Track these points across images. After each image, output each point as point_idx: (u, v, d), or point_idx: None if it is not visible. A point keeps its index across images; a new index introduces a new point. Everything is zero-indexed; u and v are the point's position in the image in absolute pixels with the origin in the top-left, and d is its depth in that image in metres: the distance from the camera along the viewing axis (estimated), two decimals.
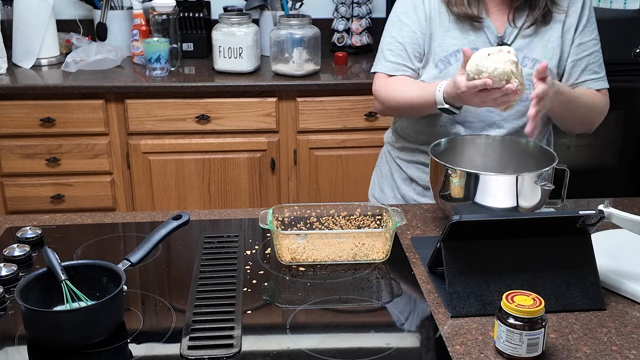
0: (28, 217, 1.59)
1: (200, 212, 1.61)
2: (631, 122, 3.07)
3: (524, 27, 1.61)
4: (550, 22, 1.62)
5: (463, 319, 1.18)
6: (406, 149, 1.78)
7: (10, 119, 2.66)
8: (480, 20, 1.60)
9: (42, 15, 2.81)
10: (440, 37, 1.62)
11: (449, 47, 1.62)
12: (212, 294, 1.24)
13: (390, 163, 1.85)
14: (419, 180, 1.76)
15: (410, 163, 1.78)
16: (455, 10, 1.61)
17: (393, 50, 1.67)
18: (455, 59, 1.61)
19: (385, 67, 1.68)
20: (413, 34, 1.64)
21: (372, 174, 1.96)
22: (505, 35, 1.61)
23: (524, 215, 1.35)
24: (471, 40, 1.61)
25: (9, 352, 1.10)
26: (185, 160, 2.76)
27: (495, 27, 1.61)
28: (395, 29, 1.67)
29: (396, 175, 1.82)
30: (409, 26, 1.65)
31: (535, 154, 1.53)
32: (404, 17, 1.66)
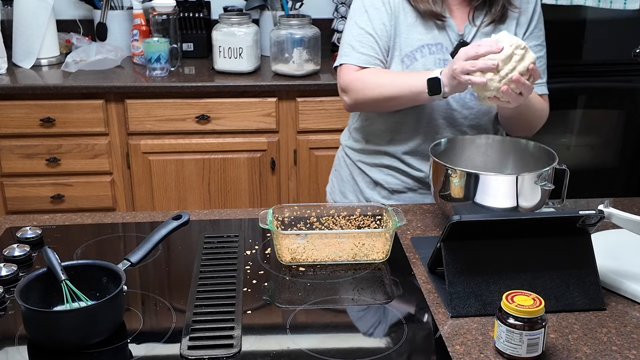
0: (28, 217, 1.59)
1: (200, 212, 1.61)
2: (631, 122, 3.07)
3: (482, 25, 1.63)
4: (506, 21, 1.65)
5: (463, 319, 1.18)
6: (368, 151, 1.75)
7: (10, 119, 2.66)
8: (444, 19, 1.61)
9: (42, 15, 2.81)
10: (405, 33, 1.62)
11: (414, 42, 1.61)
12: (212, 294, 1.24)
13: (350, 167, 1.81)
14: (384, 183, 1.74)
15: (373, 166, 1.75)
16: (421, 7, 1.60)
17: (363, 42, 1.63)
18: (420, 55, 1.61)
19: (357, 59, 1.63)
20: (383, 27, 1.62)
21: (330, 176, 1.92)
22: (465, 34, 1.63)
23: (524, 215, 1.35)
24: (435, 36, 1.62)
25: (9, 352, 1.10)
26: (185, 160, 2.76)
27: (456, 25, 1.63)
28: (364, 20, 1.63)
29: (359, 179, 1.78)
30: (378, 18, 1.62)
31: (535, 154, 1.53)
32: (371, 9, 1.63)
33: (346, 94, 1.65)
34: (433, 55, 1.61)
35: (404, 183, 1.73)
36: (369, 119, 1.74)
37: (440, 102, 1.60)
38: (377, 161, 1.74)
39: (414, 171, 1.70)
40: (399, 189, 1.73)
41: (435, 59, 1.61)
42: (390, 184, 1.73)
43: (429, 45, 1.61)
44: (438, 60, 1.62)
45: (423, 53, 1.61)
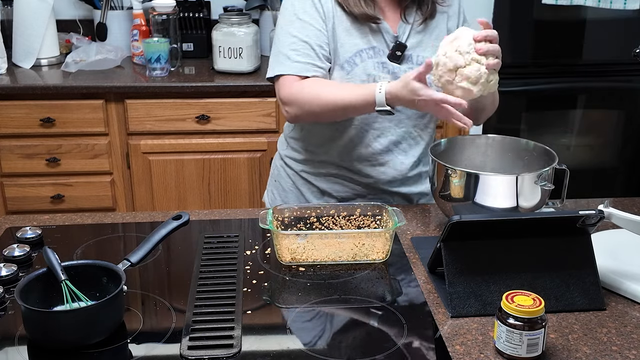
0: (28, 217, 1.59)
1: (200, 212, 1.61)
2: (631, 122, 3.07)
3: (415, 23, 1.62)
4: (436, 16, 1.65)
5: (463, 319, 1.18)
6: (312, 162, 1.70)
7: (10, 119, 2.66)
8: (379, 21, 1.59)
9: (42, 15, 2.81)
10: (342, 38, 1.58)
11: (352, 47, 1.58)
12: (212, 294, 1.24)
13: (293, 177, 1.75)
14: (332, 192, 1.70)
15: (319, 176, 1.70)
16: (355, 11, 1.56)
17: (299, 50, 1.56)
18: (360, 59, 1.58)
19: (294, 68, 1.56)
20: (318, 32, 1.56)
21: (268, 186, 1.85)
22: (399, 34, 1.62)
23: (524, 215, 1.35)
24: (370, 40, 1.59)
25: (9, 352, 1.10)
26: (185, 160, 2.76)
27: (390, 27, 1.61)
28: (296, 28, 1.57)
29: (304, 189, 1.73)
30: (312, 25, 1.56)
31: (535, 154, 1.53)
32: (304, 16, 1.57)
33: (288, 106, 1.57)
34: (372, 59, 1.59)
35: (352, 190, 1.69)
36: (307, 129, 1.69)
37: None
38: (323, 170, 1.70)
39: (361, 177, 1.67)
40: (348, 196, 1.69)
41: (374, 63, 1.59)
42: (339, 192, 1.69)
43: (366, 49, 1.59)
44: (377, 63, 1.59)
45: (362, 57, 1.59)
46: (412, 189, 1.71)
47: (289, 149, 1.76)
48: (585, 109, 3.07)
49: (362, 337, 1.16)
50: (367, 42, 1.59)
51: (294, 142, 1.74)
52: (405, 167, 1.68)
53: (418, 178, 1.72)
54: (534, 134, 2.88)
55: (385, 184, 1.68)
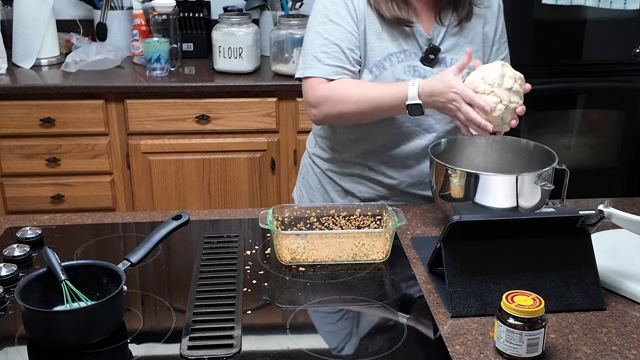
0: (28, 217, 1.59)
1: (200, 212, 1.61)
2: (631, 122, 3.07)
3: (451, 25, 1.61)
4: (472, 18, 1.62)
5: (463, 319, 1.18)
6: (337, 161, 1.71)
7: (10, 119, 2.66)
8: (412, 24, 1.57)
9: (42, 15, 2.81)
10: (372, 41, 1.57)
11: (382, 51, 1.57)
12: (212, 294, 1.24)
13: (319, 175, 1.76)
14: (356, 192, 1.70)
15: (344, 176, 1.71)
16: (386, 14, 1.55)
17: (329, 52, 1.56)
18: (389, 63, 1.57)
19: (325, 71, 1.56)
20: (349, 35, 1.55)
21: (297, 183, 1.87)
22: (433, 37, 1.60)
23: (524, 215, 1.35)
24: (402, 43, 1.58)
25: (9, 352, 1.10)
26: (185, 160, 2.76)
27: (424, 29, 1.59)
28: (327, 30, 1.56)
29: (329, 188, 1.74)
30: (343, 27, 1.56)
31: (535, 154, 1.53)
32: (335, 18, 1.56)
33: (316, 108, 1.58)
34: (402, 63, 1.58)
35: (375, 191, 1.69)
36: (334, 128, 1.69)
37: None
38: (347, 170, 1.70)
39: (386, 179, 1.67)
40: (370, 197, 1.70)
41: (405, 67, 1.58)
42: (362, 193, 1.70)
43: (396, 53, 1.57)
44: (407, 67, 1.58)
45: (392, 62, 1.57)
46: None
47: (316, 147, 1.76)
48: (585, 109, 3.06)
49: (362, 337, 1.16)
50: (399, 45, 1.58)
51: (321, 140, 1.74)
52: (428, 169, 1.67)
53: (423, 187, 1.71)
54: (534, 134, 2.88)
55: (408, 187, 1.68)
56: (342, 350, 1.11)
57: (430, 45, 1.59)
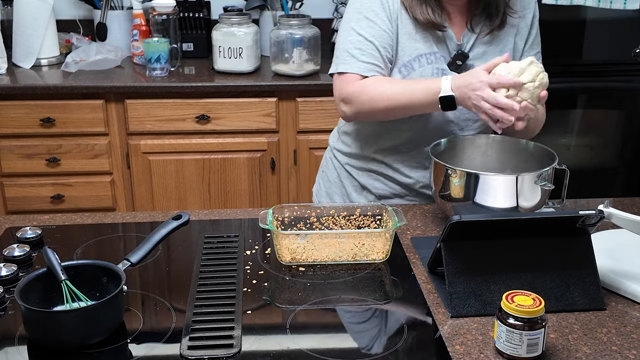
0: (28, 217, 1.59)
1: (200, 212, 1.61)
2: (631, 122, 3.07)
3: (482, 33, 1.60)
4: (505, 27, 1.61)
5: (463, 319, 1.18)
6: (357, 156, 1.73)
7: (10, 119, 2.66)
8: (444, 29, 1.57)
9: (42, 15, 2.81)
10: (403, 41, 1.57)
11: (412, 51, 1.57)
12: (212, 294, 1.24)
13: (338, 169, 1.77)
14: (371, 188, 1.72)
15: (361, 171, 1.72)
16: (420, 17, 1.55)
17: (364, 49, 1.56)
18: (418, 64, 1.58)
19: (358, 67, 1.56)
20: (384, 34, 1.56)
21: (317, 177, 1.89)
22: (463, 43, 1.59)
23: (524, 215, 1.35)
24: (432, 45, 1.58)
25: (9, 352, 1.10)
26: (185, 160, 2.76)
27: (455, 34, 1.59)
28: (362, 27, 1.57)
29: (346, 182, 1.76)
30: (378, 25, 1.56)
31: (535, 154, 1.53)
32: (371, 15, 1.57)
33: (347, 104, 1.59)
34: (431, 65, 1.58)
35: (391, 189, 1.70)
36: (359, 124, 1.71)
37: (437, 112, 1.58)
38: (365, 166, 1.72)
39: (402, 177, 1.68)
40: (385, 194, 1.71)
41: (433, 69, 1.58)
42: (378, 189, 1.71)
43: (426, 54, 1.58)
44: (436, 69, 1.58)
45: (421, 63, 1.58)
46: None
47: (339, 142, 1.78)
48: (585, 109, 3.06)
49: (362, 337, 1.16)
50: (429, 47, 1.58)
51: (345, 135, 1.76)
52: None
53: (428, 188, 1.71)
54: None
55: (424, 188, 1.68)
56: (342, 350, 1.11)
57: (459, 51, 1.59)
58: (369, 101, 1.55)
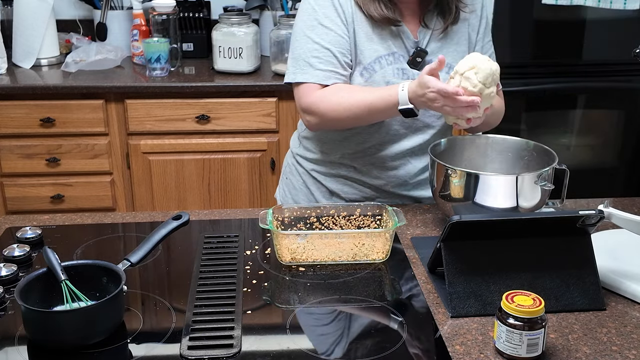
0: (28, 217, 1.59)
1: (200, 212, 1.61)
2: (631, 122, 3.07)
3: (437, 30, 1.59)
4: (459, 22, 1.62)
5: (463, 319, 1.18)
6: (323, 162, 1.69)
7: (10, 119, 2.66)
8: (399, 24, 1.56)
9: (42, 15, 2.81)
10: (362, 44, 1.56)
11: (372, 53, 1.56)
12: (212, 294, 1.24)
13: (303, 176, 1.74)
14: (341, 193, 1.69)
15: (329, 176, 1.69)
16: (374, 14, 1.53)
17: (321, 57, 1.54)
18: (379, 66, 1.56)
19: (317, 76, 1.54)
20: (340, 39, 1.54)
21: (280, 182, 1.85)
22: (420, 40, 1.59)
23: (524, 215, 1.35)
24: (390, 46, 1.57)
25: (9, 352, 1.10)
26: (185, 160, 2.76)
27: (410, 32, 1.59)
28: (318, 34, 1.55)
29: (313, 188, 1.72)
30: (334, 31, 1.54)
31: (535, 154, 1.53)
32: (326, 21, 1.55)
33: (310, 115, 1.56)
34: (391, 65, 1.57)
35: (361, 192, 1.68)
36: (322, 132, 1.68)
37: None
38: (333, 171, 1.68)
39: (372, 180, 1.66)
40: (356, 198, 1.68)
41: (394, 69, 1.57)
42: (348, 194, 1.69)
43: (385, 56, 1.57)
44: (396, 70, 1.57)
45: (381, 64, 1.57)
46: (424, 193, 1.70)
47: (301, 148, 1.75)
48: (585, 109, 3.06)
49: (362, 337, 1.16)
50: (387, 47, 1.57)
51: (306, 141, 1.73)
52: (417, 170, 1.67)
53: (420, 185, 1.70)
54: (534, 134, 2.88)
55: (395, 187, 1.67)
56: (342, 350, 1.11)
57: (417, 48, 1.59)
58: (331, 111, 1.53)
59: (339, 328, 1.18)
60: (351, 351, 1.11)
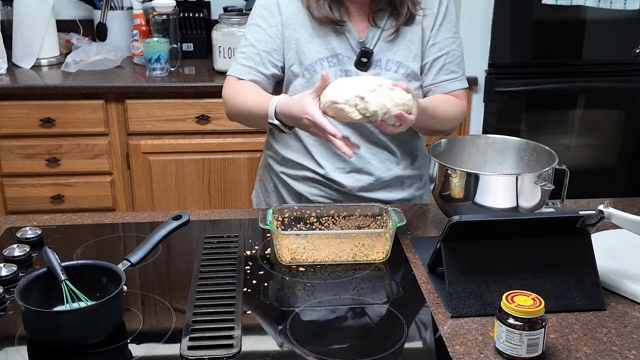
0: (28, 217, 1.59)
1: (200, 212, 1.61)
2: (631, 122, 3.07)
3: (387, 31, 1.56)
4: (412, 25, 1.57)
5: (463, 319, 1.18)
6: (288, 163, 1.66)
7: (10, 119, 2.66)
8: (342, 24, 1.54)
9: (42, 15, 2.81)
10: (304, 45, 1.55)
11: (314, 55, 1.55)
12: (212, 294, 1.24)
13: (274, 178, 1.71)
14: (309, 196, 1.65)
15: (296, 179, 1.66)
16: (316, 14, 1.53)
17: (246, 53, 1.59)
18: (320, 67, 1.55)
19: (237, 71, 1.60)
20: (269, 39, 1.56)
21: (255, 184, 1.83)
22: (367, 40, 1.56)
23: (524, 215, 1.35)
24: (334, 47, 1.55)
25: (8, 352, 1.10)
26: (185, 160, 2.76)
27: (357, 32, 1.56)
28: (251, 32, 1.59)
29: (284, 191, 1.69)
30: (264, 30, 1.57)
31: (535, 154, 1.53)
32: (259, 21, 1.58)
33: (224, 104, 1.64)
34: (334, 67, 1.55)
35: (328, 195, 1.64)
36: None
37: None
38: (300, 173, 1.64)
39: (334, 184, 1.62)
40: (324, 201, 1.64)
41: (337, 71, 1.55)
42: (315, 196, 1.65)
43: (328, 57, 1.55)
44: (339, 71, 1.55)
45: (323, 66, 1.55)
46: (392, 196, 1.65)
47: (271, 150, 1.72)
48: (585, 109, 3.06)
49: (362, 337, 1.16)
50: (331, 49, 1.55)
51: (274, 142, 1.70)
52: (380, 173, 1.62)
53: (399, 184, 1.66)
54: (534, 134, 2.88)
55: (360, 191, 1.63)
56: (342, 350, 1.11)
57: (362, 49, 1.56)
58: (234, 105, 1.60)
59: (339, 328, 1.18)
60: (351, 351, 1.11)
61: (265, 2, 1.59)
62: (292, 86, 1.59)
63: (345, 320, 1.21)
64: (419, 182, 1.72)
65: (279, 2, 1.57)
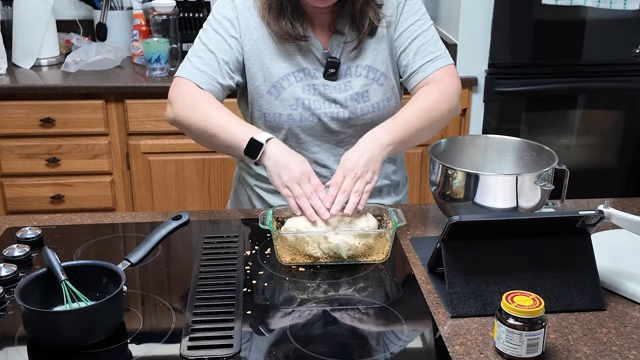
0: (28, 217, 1.59)
1: (200, 212, 1.61)
2: (631, 122, 3.07)
3: (351, 42, 1.53)
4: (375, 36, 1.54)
5: (463, 319, 1.18)
6: (263, 177, 1.61)
7: (10, 119, 2.66)
8: (306, 39, 1.51)
9: (42, 16, 2.81)
10: (268, 62, 1.52)
11: (279, 70, 1.52)
12: (212, 294, 1.24)
13: (249, 192, 1.69)
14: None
15: (269, 192, 1.64)
16: (276, 30, 1.50)
17: (203, 58, 1.52)
18: (287, 83, 1.52)
19: (194, 75, 1.51)
20: (228, 49, 1.52)
21: (230, 197, 1.81)
22: (331, 49, 1.53)
23: (524, 215, 1.35)
24: (299, 62, 1.53)
25: (8, 352, 1.10)
26: (185, 160, 2.76)
27: (321, 43, 1.53)
28: (209, 38, 1.53)
29: (258, 204, 1.67)
30: (224, 39, 1.52)
31: (535, 154, 1.53)
32: (219, 28, 1.53)
33: (171, 105, 1.53)
34: (300, 82, 1.53)
35: None
36: None
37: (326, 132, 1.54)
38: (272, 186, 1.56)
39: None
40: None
41: (304, 85, 1.53)
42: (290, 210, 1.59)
43: (294, 73, 1.53)
44: (307, 86, 1.53)
45: (289, 81, 1.52)
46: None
47: (244, 163, 1.69)
48: (585, 109, 3.06)
49: (362, 337, 1.16)
50: (296, 64, 1.53)
51: None
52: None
53: (376, 193, 1.64)
54: (534, 134, 2.88)
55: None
56: (342, 350, 1.11)
57: (328, 59, 1.53)
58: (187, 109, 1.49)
59: (339, 328, 1.18)
60: (351, 351, 1.11)
61: (225, 11, 1.54)
62: (258, 105, 1.56)
63: (345, 320, 1.21)
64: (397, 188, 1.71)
65: (238, 16, 1.53)
